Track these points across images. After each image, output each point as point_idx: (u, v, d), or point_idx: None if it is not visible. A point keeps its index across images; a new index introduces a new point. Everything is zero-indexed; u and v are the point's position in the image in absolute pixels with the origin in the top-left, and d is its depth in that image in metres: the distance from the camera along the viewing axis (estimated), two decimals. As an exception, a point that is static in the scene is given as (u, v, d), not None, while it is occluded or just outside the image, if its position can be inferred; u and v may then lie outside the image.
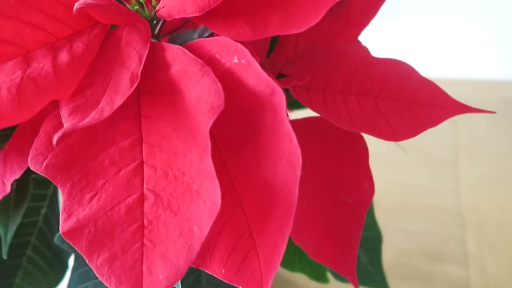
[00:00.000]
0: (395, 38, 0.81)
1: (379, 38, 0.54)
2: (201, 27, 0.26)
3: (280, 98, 0.14)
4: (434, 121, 0.21)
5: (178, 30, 0.25)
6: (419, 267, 0.43)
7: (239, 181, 0.17)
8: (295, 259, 0.30)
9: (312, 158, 0.24)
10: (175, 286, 0.15)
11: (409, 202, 0.51)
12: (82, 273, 0.22)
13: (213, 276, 0.28)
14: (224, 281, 0.16)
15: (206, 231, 0.14)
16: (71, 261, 0.26)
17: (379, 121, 0.21)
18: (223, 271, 0.16)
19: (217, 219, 0.17)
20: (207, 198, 0.15)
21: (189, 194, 0.15)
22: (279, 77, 0.23)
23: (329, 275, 0.31)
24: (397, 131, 0.21)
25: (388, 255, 0.44)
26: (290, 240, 0.31)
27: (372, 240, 0.30)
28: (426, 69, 0.25)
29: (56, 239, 0.21)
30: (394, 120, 0.21)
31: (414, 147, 0.61)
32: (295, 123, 0.23)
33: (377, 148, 0.64)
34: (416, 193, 0.52)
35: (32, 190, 0.22)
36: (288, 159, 0.15)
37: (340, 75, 0.22)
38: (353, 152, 0.23)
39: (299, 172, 0.14)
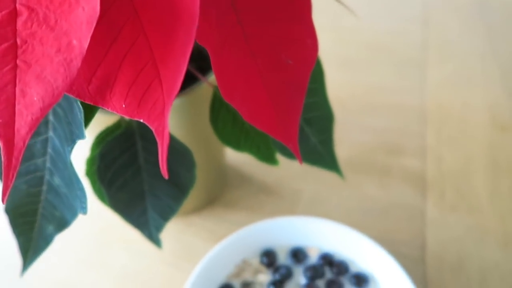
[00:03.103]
0: None
1: None
2: None
3: None
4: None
5: None
6: (377, 160, 0.42)
7: (141, 2, 0.14)
8: (240, 139, 0.28)
9: (250, 13, 0.21)
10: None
11: (372, 100, 0.49)
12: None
13: (150, 153, 0.26)
14: (125, 115, 0.14)
15: (86, 43, 0.12)
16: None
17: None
18: (124, 105, 0.14)
19: (116, 51, 0.14)
20: (86, 4, 0.12)
21: (67, 4, 0.12)
22: None
23: (278, 157, 0.30)
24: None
25: (346, 150, 0.44)
26: (237, 121, 0.29)
27: (323, 119, 0.29)
28: None
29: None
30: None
31: (383, 48, 0.59)
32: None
33: (343, 49, 0.62)
34: (381, 91, 0.51)
35: None
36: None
37: None
38: (294, 4, 0.21)
39: (199, -29, 0.12)
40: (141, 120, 0.14)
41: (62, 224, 0.21)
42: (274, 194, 0.40)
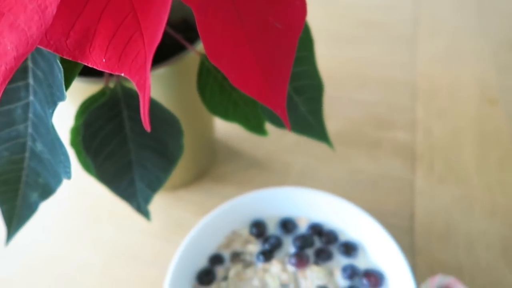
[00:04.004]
0: None
1: None
2: None
3: None
4: None
5: None
6: (367, 133, 0.42)
7: (119, -49, 0.13)
8: (229, 108, 0.28)
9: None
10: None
11: (363, 75, 0.49)
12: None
13: (136, 122, 0.26)
14: (105, 70, 0.13)
15: (61, -12, 0.11)
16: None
17: None
18: (104, 60, 0.14)
19: (95, 3, 0.14)
20: None
21: None
22: None
23: (268, 130, 0.30)
24: None
25: (337, 124, 0.44)
26: (225, 90, 0.28)
27: (313, 88, 0.28)
28: None
29: None
30: None
31: (374, 23, 0.58)
32: None
33: (334, 25, 0.61)
34: (371, 66, 0.50)
35: None
36: None
37: None
38: (282, -37, 0.20)
39: None
40: (122, 74, 0.13)
41: (46, 191, 0.20)
42: (264, 167, 0.40)
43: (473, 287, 0.30)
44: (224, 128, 0.43)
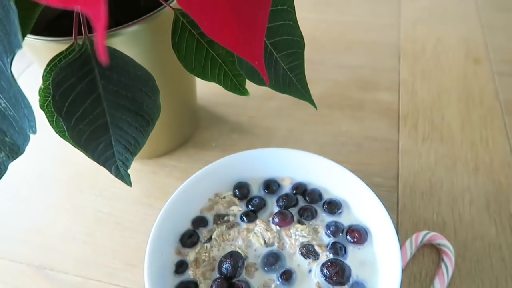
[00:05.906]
0: None
1: None
2: None
3: None
4: None
5: None
6: (351, 96, 0.42)
7: None
8: (206, 66, 0.27)
9: None
10: None
11: (348, 38, 0.48)
12: None
13: (109, 80, 0.24)
14: (60, 5, 0.12)
15: None
16: None
17: None
18: (57, -6, 0.12)
19: None
20: None
21: None
22: None
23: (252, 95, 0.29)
24: None
25: (321, 87, 0.43)
26: (201, 46, 0.27)
27: (293, 44, 0.28)
28: None
29: None
30: None
31: (357, -15, 0.57)
32: None
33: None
34: (356, 29, 0.49)
35: None
36: None
37: None
38: None
39: None
40: (78, 8, 0.12)
41: (14, 150, 0.19)
42: (247, 133, 0.39)
43: (456, 241, 0.31)
44: (207, 94, 0.42)
